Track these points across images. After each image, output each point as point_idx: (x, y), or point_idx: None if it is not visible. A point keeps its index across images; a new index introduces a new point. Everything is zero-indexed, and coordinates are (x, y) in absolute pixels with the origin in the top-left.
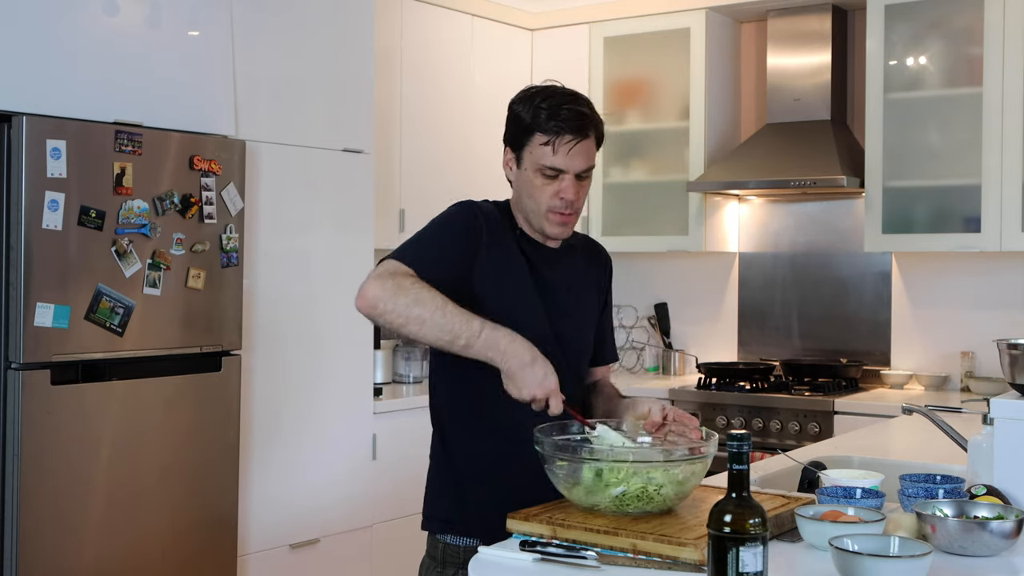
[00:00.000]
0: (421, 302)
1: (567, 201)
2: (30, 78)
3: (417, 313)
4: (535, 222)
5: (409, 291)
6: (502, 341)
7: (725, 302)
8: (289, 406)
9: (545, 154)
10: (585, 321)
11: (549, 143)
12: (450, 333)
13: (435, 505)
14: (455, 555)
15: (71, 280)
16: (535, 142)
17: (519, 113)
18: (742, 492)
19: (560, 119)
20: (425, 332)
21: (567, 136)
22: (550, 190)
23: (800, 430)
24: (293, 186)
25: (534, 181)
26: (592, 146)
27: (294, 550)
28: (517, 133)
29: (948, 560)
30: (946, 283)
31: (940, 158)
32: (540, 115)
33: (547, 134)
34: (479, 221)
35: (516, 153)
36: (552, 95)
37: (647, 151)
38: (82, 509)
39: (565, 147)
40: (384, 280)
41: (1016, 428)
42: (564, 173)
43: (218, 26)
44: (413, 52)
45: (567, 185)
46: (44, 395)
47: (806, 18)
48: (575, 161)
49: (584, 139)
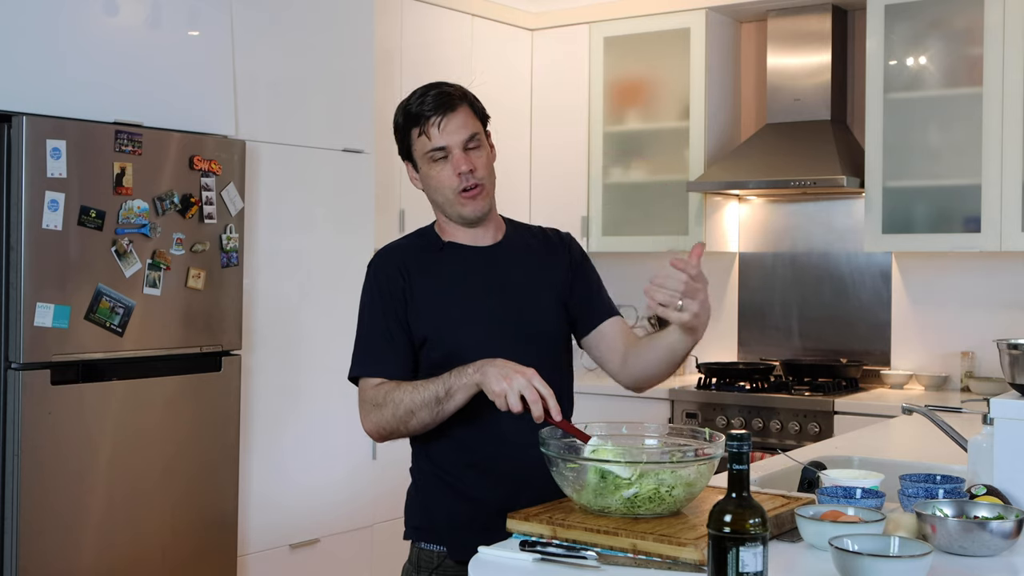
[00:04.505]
0: (397, 402)
1: (465, 174)
2: (30, 78)
3: (403, 412)
4: (452, 213)
5: (386, 403)
6: (468, 368)
7: (725, 302)
8: (289, 406)
9: (423, 143)
10: (546, 304)
11: (422, 131)
12: (434, 400)
13: (408, 513)
14: (429, 560)
15: (71, 280)
16: (414, 138)
17: (396, 123)
18: (742, 492)
19: (423, 107)
20: (421, 417)
21: (432, 116)
22: (446, 171)
23: (800, 430)
24: (293, 186)
25: (430, 173)
26: (467, 115)
27: (294, 550)
28: (402, 143)
29: (948, 560)
30: (946, 283)
31: (940, 158)
32: (408, 113)
33: (418, 124)
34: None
35: (409, 160)
36: (415, 92)
37: (647, 151)
38: (82, 509)
39: (435, 127)
40: (366, 411)
41: (1016, 428)
42: (448, 149)
43: (218, 26)
44: (413, 52)
45: (457, 159)
46: (44, 395)
47: (806, 18)
48: (452, 135)
49: (452, 111)
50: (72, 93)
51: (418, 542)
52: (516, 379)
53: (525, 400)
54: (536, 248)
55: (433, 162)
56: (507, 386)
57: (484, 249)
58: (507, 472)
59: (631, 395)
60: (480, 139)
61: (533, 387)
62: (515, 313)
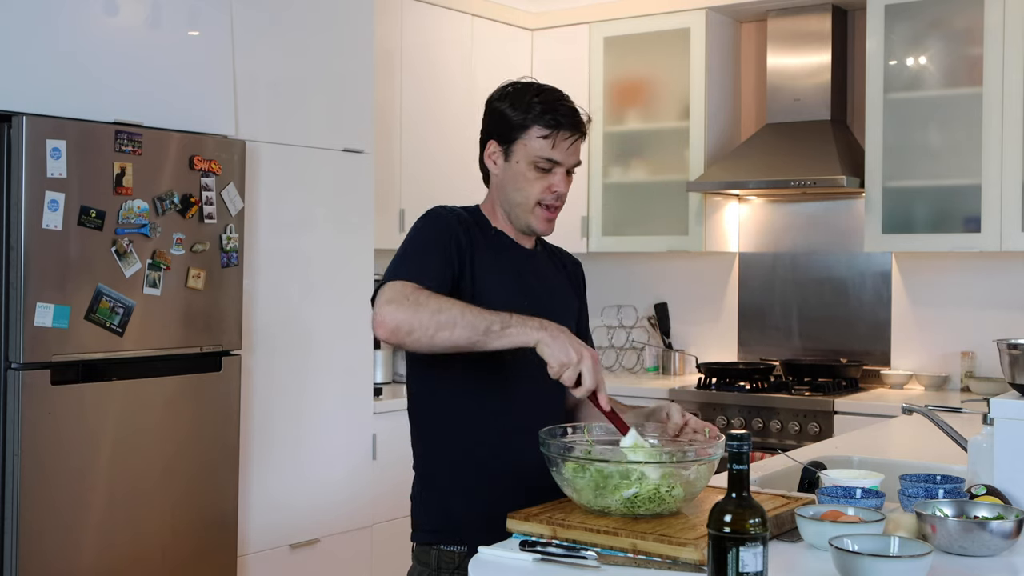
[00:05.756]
0: (443, 308)
1: (557, 194)
2: (30, 78)
3: (445, 319)
4: (519, 217)
5: (428, 303)
6: (532, 320)
7: (725, 302)
8: (289, 406)
9: (543, 147)
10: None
11: (549, 137)
12: (484, 324)
13: (420, 515)
14: (450, 559)
15: (71, 280)
16: (532, 135)
17: (505, 110)
18: (742, 492)
19: (560, 113)
20: (457, 334)
21: (567, 131)
22: (542, 184)
23: (800, 430)
24: (293, 186)
25: (526, 174)
26: (581, 143)
27: (294, 550)
28: (507, 127)
29: (948, 560)
30: (946, 283)
31: (940, 158)
32: (535, 108)
33: (547, 127)
34: (452, 224)
35: (504, 147)
36: (544, 90)
37: (647, 151)
38: (82, 509)
39: (565, 142)
40: (398, 302)
41: (1016, 428)
42: (558, 167)
43: (218, 26)
44: (413, 52)
45: (559, 179)
46: (44, 395)
47: (806, 18)
48: (570, 155)
49: (581, 136)
50: (72, 93)
51: (438, 544)
52: (585, 357)
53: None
54: (561, 269)
55: (537, 168)
56: (575, 359)
57: (527, 251)
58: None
59: (631, 395)
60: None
61: (594, 372)
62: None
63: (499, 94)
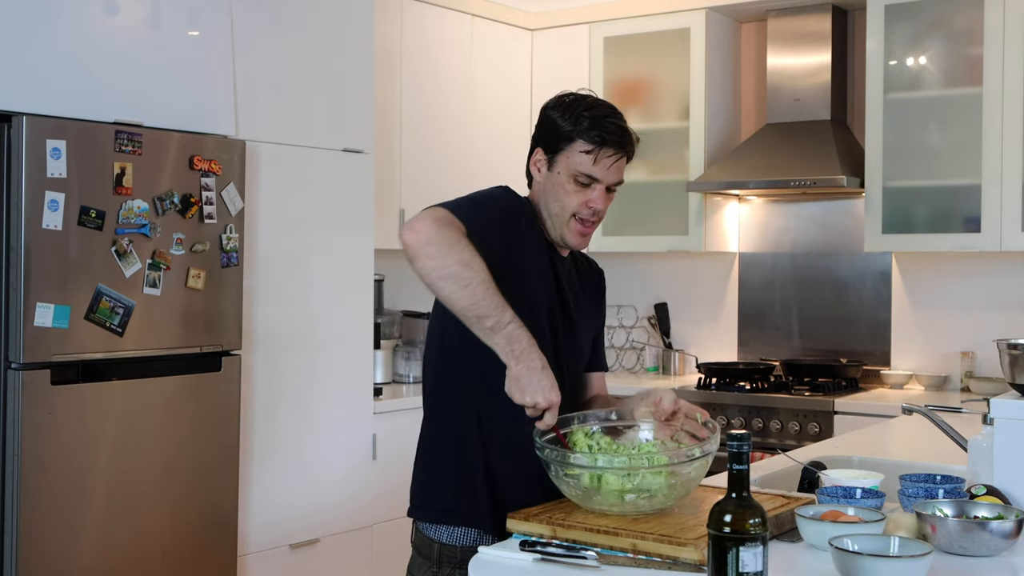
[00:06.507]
0: (470, 266)
1: (594, 210)
2: (30, 78)
3: (462, 274)
4: (555, 227)
5: (464, 250)
6: (523, 341)
7: (725, 302)
8: (289, 406)
9: (584, 162)
10: (584, 331)
11: (591, 152)
12: (482, 309)
13: (429, 494)
14: (451, 554)
15: (71, 280)
16: (575, 148)
17: (556, 119)
18: (742, 492)
19: (606, 131)
20: (458, 296)
21: (610, 149)
22: (580, 198)
23: (800, 430)
24: (293, 186)
25: (566, 186)
26: (625, 163)
27: (294, 550)
28: (554, 137)
29: (948, 560)
30: (946, 283)
31: (940, 158)
32: (583, 123)
33: (591, 143)
34: (521, 207)
35: (549, 156)
36: (595, 105)
37: (647, 151)
38: (82, 509)
39: (607, 160)
40: (443, 226)
41: (1016, 428)
42: (598, 183)
43: (218, 26)
44: (413, 52)
45: (598, 195)
46: (44, 395)
47: (806, 18)
48: (611, 174)
49: (623, 155)
50: (72, 93)
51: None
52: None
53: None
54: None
55: (576, 182)
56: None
57: (561, 257)
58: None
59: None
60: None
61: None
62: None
63: (554, 102)
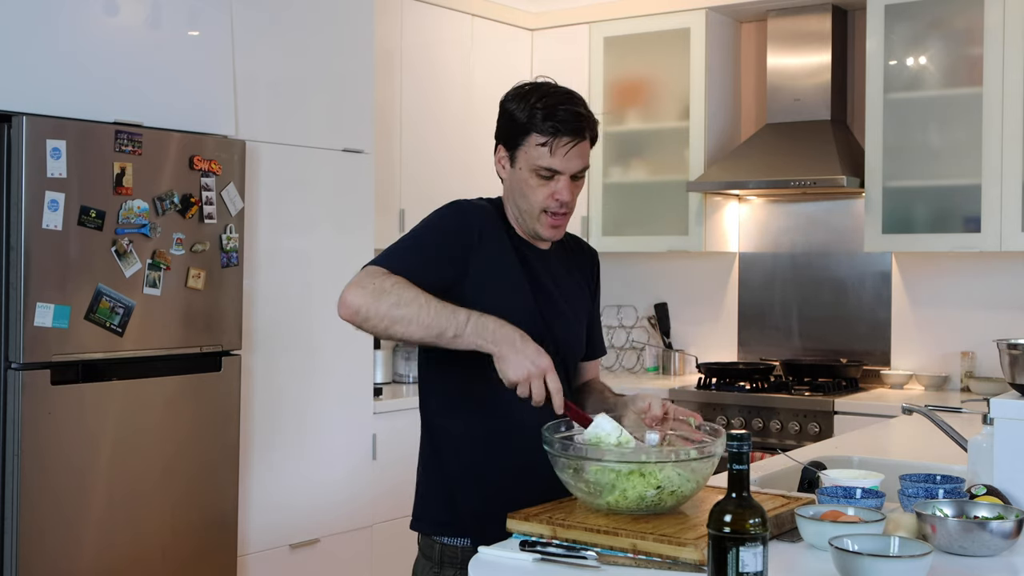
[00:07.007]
0: (403, 303)
1: (561, 202)
2: (30, 78)
3: (401, 314)
4: (527, 223)
5: (390, 293)
6: (490, 325)
7: (725, 302)
8: (289, 406)
9: (542, 155)
10: (576, 319)
11: (546, 144)
12: (437, 328)
13: (426, 506)
14: (453, 555)
15: (71, 280)
16: (531, 142)
17: (513, 112)
18: (742, 492)
19: (557, 120)
20: (412, 331)
21: (565, 138)
22: (544, 191)
23: (800, 430)
24: (293, 186)
25: (529, 181)
26: (587, 147)
27: (294, 550)
28: (511, 132)
29: (948, 560)
30: (946, 283)
31: (940, 158)
32: (536, 115)
33: (544, 135)
34: (469, 221)
35: (510, 152)
36: (548, 94)
37: (647, 151)
38: (82, 509)
39: (562, 149)
40: (363, 286)
41: (1016, 428)
42: (560, 174)
43: (218, 26)
44: (413, 52)
45: (562, 187)
46: (44, 395)
47: (806, 18)
48: (571, 163)
49: (581, 140)
50: (72, 93)
51: (441, 537)
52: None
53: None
54: (576, 263)
55: (538, 176)
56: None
57: (542, 251)
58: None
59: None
60: (585, 172)
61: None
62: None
63: (511, 95)
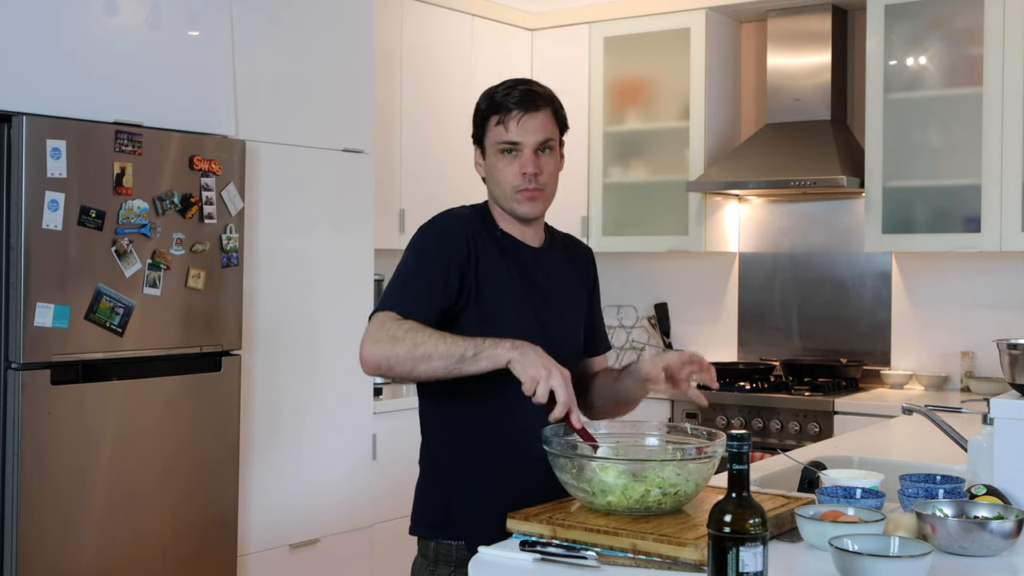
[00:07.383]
0: (420, 343)
1: (529, 175)
2: (30, 78)
3: (421, 352)
4: (506, 206)
5: (405, 338)
6: (505, 341)
7: (725, 302)
8: (289, 406)
9: (499, 132)
10: (573, 318)
11: (501, 122)
12: (458, 353)
13: (422, 510)
14: (448, 554)
15: (71, 280)
16: (491, 125)
17: (477, 107)
18: (742, 492)
19: (510, 98)
20: (435, 366)
21: (516, 111)
22: (512, 169)
23: (800, 430)
24: (293, 186)
25: (497, 164)
26: (547, 119)
27: (294, 550)
28: (476, 125)
29: (948, 560)
30: (946, 283)
31: (940, 158)
32: (493, 100)
33: (499, 113)
34: (452, 237)
35: (480, 146)
36: (504, 83)
37: (647, 151)
38: (82, 509)
39: (515, 120)
40: (377, 340)
41: (1016, 428)
42: (521, 146)
43: (218, 26)
44: (413, 52)
45: (526, 158)
46: (44, 395)
47: (806, 18)
48: (529, 134)
49: (535, 111)
50: (72, 93)
51: (436, 539)
52: (554, 374)
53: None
54: (571, 262)
55: (502, 154)
56: (544, 375)
57: (534, 249)
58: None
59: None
60: (553, 145)
61: (565, 389)
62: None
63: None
